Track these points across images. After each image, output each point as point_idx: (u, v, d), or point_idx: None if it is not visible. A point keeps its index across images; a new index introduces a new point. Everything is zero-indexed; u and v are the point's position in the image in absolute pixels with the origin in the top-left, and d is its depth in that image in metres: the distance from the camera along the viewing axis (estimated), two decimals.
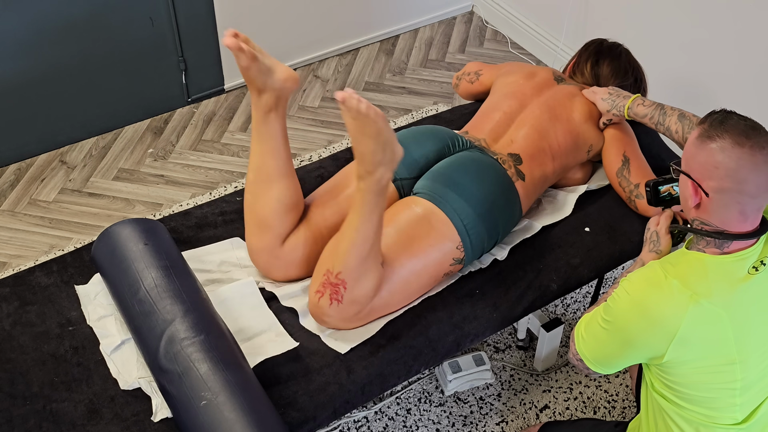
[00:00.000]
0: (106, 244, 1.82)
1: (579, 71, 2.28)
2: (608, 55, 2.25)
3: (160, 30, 2.93)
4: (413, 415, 2.22)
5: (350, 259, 1.69)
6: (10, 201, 2.78)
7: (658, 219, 1.73)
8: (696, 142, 1.46)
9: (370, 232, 1.69)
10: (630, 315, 1.48)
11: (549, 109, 2.08)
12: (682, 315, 1.41)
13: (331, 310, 1.74)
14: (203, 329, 1.64)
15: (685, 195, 1.49)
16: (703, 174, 1.44)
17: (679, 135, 1.93)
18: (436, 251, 1.82)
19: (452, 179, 1.88)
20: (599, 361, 1.58)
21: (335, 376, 1.72)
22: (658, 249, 1.69)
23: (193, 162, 2.96)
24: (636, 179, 2.06)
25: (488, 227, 1.87)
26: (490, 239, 1.90)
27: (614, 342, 1.53)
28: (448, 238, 1.83)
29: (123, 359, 1.74)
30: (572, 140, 2.08)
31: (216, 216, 2.08)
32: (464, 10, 3.75)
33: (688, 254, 1.50)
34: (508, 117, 2.09)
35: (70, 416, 1.64)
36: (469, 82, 2.39)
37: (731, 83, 2.71)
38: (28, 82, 2.77)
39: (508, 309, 1.91)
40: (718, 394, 1.48)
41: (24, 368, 1.72)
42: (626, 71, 2.23)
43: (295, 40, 3.31)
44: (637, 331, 1.47)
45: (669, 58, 2.88)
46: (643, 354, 1.50)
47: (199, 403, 1.52)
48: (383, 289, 1.77)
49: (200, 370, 1.56)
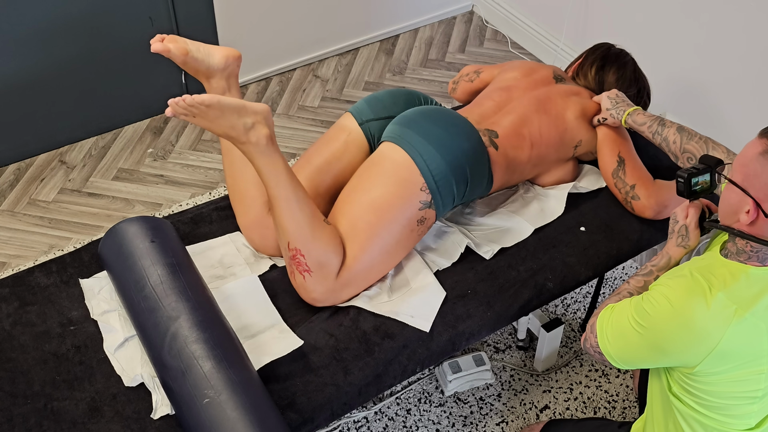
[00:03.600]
0: (113, 241, 1.83)
1: (583, 74, 2.27)
2: (615, 63, 2.25)
3: (160, 30, 2.92)
4: (413, 416, 2.22)
5: (288, 225, 1.74)
6: (9, 201, 2.77)
7: (687, 211, 1.66)
8: (761, 160, 1.37)
9: (287, 191, 1.73)
10: (670, 325, 1.43)
11: (538, 102, 2.09)
12: (724, 329, 1.38)
13: (309, 284, 1.78)
14: (208, 327, 1.64)
15: (735, 208, 1.43)
16: (767, 194, 1.37)
17: (677, 146, 1.91)
18: (402, 200, 1.83)
19: (416, 122, 1.92)
20: (624, 360, 1.55)
21: (332, 377, 1.72)
22: (686, 244, 1.65)
23: (192, 162, 2.95)
24: (632, 180, 2.06)
25: (453, 169, 1.87)
26: (459, 184, 1.89)
27: (646, 347, 1.48)
28: (411, 181, 1.84)
29: (127, 356, 1.74)
30: (557, 134, 2.08)
31: (212, 211, 2.09)
32: (464, 10, 3.75)
33: (729, 264, 1.45)
34: (496, 105, 2.11)
35: (71, 414, 1.64)
36: (469, 81, 2.39)
37: (732, 84, 2.71)
38: (28, 82, 2.77)
39: (503, 308, 1.91)
40: (739, 402, 1.46)
41: (25, 367, 1.72)
42: (631, 82, 2.24)
43: (295, 40, 3.31)
44: (675, 342, 1.43)
45: (669, 58, 2.88)
46: (674, 362, 1.46)
47: (201, 400, 1.52)
48: (362, 253, 1.80)
49: (204, 367, 1.56)
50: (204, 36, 3.04)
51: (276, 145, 1.72)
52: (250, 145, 1.69)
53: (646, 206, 2.04)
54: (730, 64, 2.68)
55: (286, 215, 1.74)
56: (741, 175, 1.41)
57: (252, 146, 1.69)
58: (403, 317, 1.82)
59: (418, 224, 1.87)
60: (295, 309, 1.86)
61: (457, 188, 1.90)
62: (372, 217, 1.82)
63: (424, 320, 1.82)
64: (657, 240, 2.11)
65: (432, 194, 1.86)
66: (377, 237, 1.82)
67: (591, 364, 2.36)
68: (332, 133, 2.04)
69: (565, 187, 2.15)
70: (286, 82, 3.32)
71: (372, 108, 2.04)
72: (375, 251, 1.83)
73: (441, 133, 1.89)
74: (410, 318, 1.82)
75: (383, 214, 1.82)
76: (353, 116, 2.04)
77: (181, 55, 1.82)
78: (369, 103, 2.05)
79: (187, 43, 1.83)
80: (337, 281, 1.80)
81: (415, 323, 1.82)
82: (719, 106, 2.78)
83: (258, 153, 1.70)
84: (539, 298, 1.95)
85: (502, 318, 1.91)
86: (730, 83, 2.71)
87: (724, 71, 2.71)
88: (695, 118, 2.88)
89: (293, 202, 1.73)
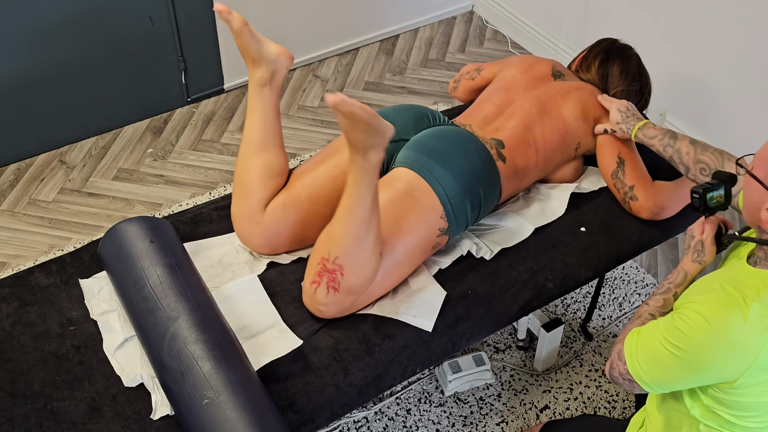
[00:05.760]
0: (112, 241, 1.83)
1: (586, 66, 2.27)
2: (619, 56, 2.24)
3: (159, 29, 2.92)
4: (413, 416, 2.21)
5: (346, 242, 1.69)
6: (9, 201, 2.77)
7: (703, 227, 1.64)
8: None
9: (366, 214, 1.68)
10: (708, 342, 1.38)
11: (539, 103, 2.08)
12: (764, 340, 1.35)
13: (328, 299, 1.74)
14: (207, 327, 1.64)
15: (757, 204, 1.39)
16: None
17: (690, 157, 1.87)
18: (423, 225, 1.83)
19: (432, 148, 1.90)
20: (659, 384, 1.50)
21: (332, 378, 1.72)
22: (702, 259, 1.62)
23: (192, 162, 2.95)
24: (631, 181, 2.05)
25: (470, 196, 1.88)
26: (473, 210, 1.90)
27: (684, 368, 1.44)
28: (432, 208, 1.84)
29: (127, 357, 1.74)
30: (559, 137, 2.08)
31: (212, 211, 2.09)
32: (464, 10, 3.75)
33: (760, 273, 1.41)
34: (497, 108, 2.10)
35: (71, 415, 1.64)
36: (470, 79, 2.38)
37: (733, 83, 2.71)
38: (28, 82, 2.77)
39: (503, 309, 1.90)
40: (766, 410, 1.43)
41: (25, 368, 1.72)
42: (635, 76, 2.22)
43: (295, 40, 3.31)
44: (715, 359, 1.39)
45: (669, 59, 2.88)
46: (713, 379, 1.43)
47: (201, 401, 1.52)
48: (378, 274, 1.78)
49: (203, 368, 1.56)
50: (204, 36, 3.04)
51: (379, 168, 1.68)
52: (363, 161, 1.64)
53: (643, 207, 2.04)
54: (731, 64, 2.68)
55: (350, 232, 1.68)
56: (763, 171, 1.38)
57: (364, 163, 1.64)
58: (405, 317, 1.82)
59: (432, 249, 1.89)
60: (294, 309, 1.86)
61: (471, 213, 1.91)
62: (398, 245, 1.80)
63: (426, 319, 1.82)
64: (657, 240, 2.11)
65: (449, 221, 1.86)
66: (399, 263, 1.82)
67: (591, 364, 2.36)
68: (337, 145, 2.01)
69: (568, 187, 2.14)
70: (286, 83, 3.32)
71: None
72: (393, 276, 1.82)
73: (457, 159, 1.89)
74: (412, 318, 1.82)
75: (407, 243, 1.81)
76: None
77: (239, 23, 1.82)
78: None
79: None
80: (351, 304, 1.78)
81: (418, 323, 1.82)
82: (719, 106, 2.78)
83: (364, 171, 1.65)
84: (539, 298, 1.95)
85: (502, 319, 1.90)
86: (731, 83, 2.71)
87: (725, 71, 2.71)
88: (695, 118, 2.88)
89: (364, 224, 1.68)
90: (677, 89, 2.89)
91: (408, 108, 2.07)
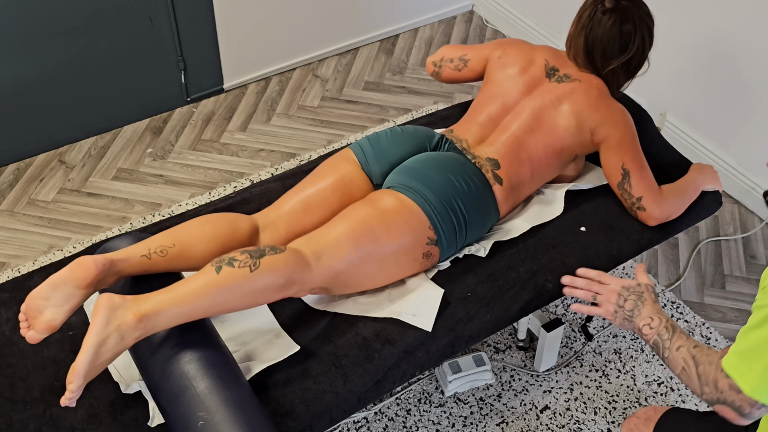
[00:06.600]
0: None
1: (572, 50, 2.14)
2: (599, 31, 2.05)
3: (159, 29, 2.92)
4: (413, 416, 2.21)
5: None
6: (8, 201, 2.77)
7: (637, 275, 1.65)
8: None
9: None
10: None
11: (533, 116, 2.04)
12: None
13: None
14: (202, 346, 1.61)
15: None
16: None
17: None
18: (410, 229, 1.82)
19: (416, 170, 1.90)
20: None
21: (332, 384, 1.71)
22: (652, 294, 1.64)
23: (192, 162, 2.95)
24: (638, 192, 2.03)
25: (454, 215, 1.88)
26: (460, 228, 1.90)
27: None
28: (419, 218, 1.84)
29: (124, 363, 1.74)
30: (554, 153, 2.05)
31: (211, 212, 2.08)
32: (464, 10, 3.75)
33: None
34: (492, 121, 2.08)
35: (69, 421, 1.64)
36: (456, 70, 2.30)
37: (733, 84, 2.71)
38: (27, 82, 2.77)
39: (503, 310, 1.90)
40: None
41: (24, 373, 1.72)
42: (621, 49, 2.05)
43: (295, 40, 3.30)
44: None
45: (669, 58, 2.88)
46: None
47: (196, 423, 1.50)
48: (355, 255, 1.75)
49: (197, 388, 1.53)
50: (203, 36, 3.04)
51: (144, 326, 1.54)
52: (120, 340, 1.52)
53: (651, 217, 2.04)
54: (731, 63, 2.67)
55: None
56: None
57: (122, 343, 1.52)
58: (405, 317, 1.82)
59: (423, 257, 1.88)
60: (292, 314, 1.86)
61: (458, 234, 1.90)
62: (386, 243, 1.80)
63: (426, 318, 1.82)
64: (657, 240, 2.10)
65: (436, 232, 1.86)
66: (381, 256, 1.80)
67: (591, 364, 2.36)
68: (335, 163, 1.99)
69: (565, 186, 2.14)
70: (285, 82, 3.32)
71: (377, 157, 1.98)
72: (370, 262, 1.80)
73: (435, 177, 1.89)
74: (412, 317, 1.82)
75: (390, 231, 1.80)
76: (355, 156, 2.00)
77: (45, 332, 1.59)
78: (374, 149, 2.00)
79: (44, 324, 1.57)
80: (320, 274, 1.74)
81: (417, 322, 1.81)
82: (720, 106, 2.78)
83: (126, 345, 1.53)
84: (539, 299, 1.94)
85: (502, 320, 1.90)
86: (731, 83, 2.70)
87: (725, 71, 2.71)
88: (696, 118, 2.88)
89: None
90: (677, 89, 2.89)
91: (406, 137, 2.02)
